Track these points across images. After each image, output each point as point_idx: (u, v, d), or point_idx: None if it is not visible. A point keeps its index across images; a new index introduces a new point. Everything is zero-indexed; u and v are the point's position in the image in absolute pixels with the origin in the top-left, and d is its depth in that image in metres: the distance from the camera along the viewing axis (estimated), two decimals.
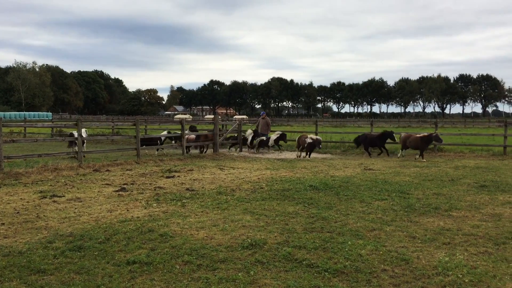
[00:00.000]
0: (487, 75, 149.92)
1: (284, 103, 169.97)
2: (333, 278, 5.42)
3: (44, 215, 8.67)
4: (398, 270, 5.64)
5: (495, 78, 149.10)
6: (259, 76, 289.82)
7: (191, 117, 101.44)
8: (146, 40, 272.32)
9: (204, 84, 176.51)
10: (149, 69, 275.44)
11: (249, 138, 23.82)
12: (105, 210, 9.14)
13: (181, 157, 19.56)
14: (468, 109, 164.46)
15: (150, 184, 12.41)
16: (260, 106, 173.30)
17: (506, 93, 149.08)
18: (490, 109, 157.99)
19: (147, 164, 17.11)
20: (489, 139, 28.61)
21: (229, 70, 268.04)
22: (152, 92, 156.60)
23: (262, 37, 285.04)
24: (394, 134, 21.16)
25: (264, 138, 23.22)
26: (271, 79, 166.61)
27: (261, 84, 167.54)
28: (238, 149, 24.41)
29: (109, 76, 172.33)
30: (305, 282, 5.26)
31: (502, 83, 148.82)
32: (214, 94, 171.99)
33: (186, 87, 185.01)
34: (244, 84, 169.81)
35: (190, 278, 5.45)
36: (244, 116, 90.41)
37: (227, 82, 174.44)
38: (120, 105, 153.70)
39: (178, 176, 13.86)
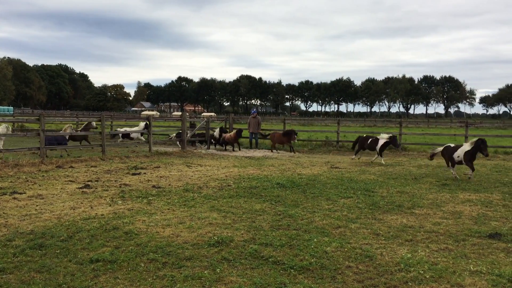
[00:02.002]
0: (449, 76, 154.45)
1: (253, 101, 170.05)
2: (298, 275, 5.46)
3: (3, 213, 8.39)
4: (362, 267, 5.73)
5: (457, 80, 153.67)
6: (228, 73, 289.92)
7: (158, 113, 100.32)
8: (113, 35, 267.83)
9: (172, 81, 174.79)
10: (116, 64, 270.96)
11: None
12: (68, 207, 8.93)
13: (148, 154, 19.31)
14: (431, 110, 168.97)
15: (115, 181, 12.20)
16: (228, 103, 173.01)
17: (467, 94, 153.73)
18: (452, 110, 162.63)
19: (113, 160, 16.81)
20: (451, 139, 29.42)
21: (198, 67, 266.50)
22: (118, 88, 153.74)
23: (231, 35, 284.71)
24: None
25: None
26: (240, 76, 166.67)
27: (230, 82, 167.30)
28: (206, 146, 24.28)
29: (74, 71, 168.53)
30: (271, 279, 5.28)
31: (464, 85, 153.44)
32: (182, 91, 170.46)
33: (154, 83, 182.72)
34: (213, 81, 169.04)
35: (155, 276, 5.39)
36: (213, 114, 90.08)
37: (196, 79, 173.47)
38: (85, 100, 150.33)
39: (145, 173, 13.68)
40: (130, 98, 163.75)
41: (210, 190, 10.96)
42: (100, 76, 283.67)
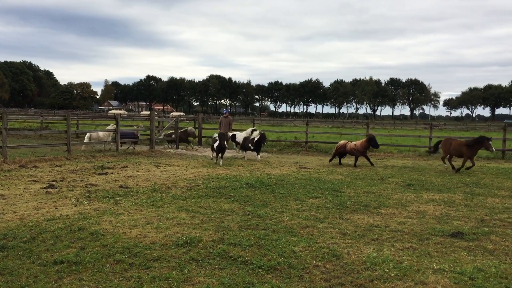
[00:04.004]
0: (415, 79, 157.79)
1: (222, 101, 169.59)
2: (266, 274, 5.48)
3: None
4: (329, 266, 5.80)
5: (422, 83, 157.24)
6: (197, 73, 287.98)
7: (126, 112, 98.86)
8: (79, 32, 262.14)
9: (141, 79, 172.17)
10: (82, 62, 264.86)
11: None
12: (32, 207, 8.70)
13: (115, 154, 19.01)
14: (397, 112, 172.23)
15: (81, 181, 11.95)
16: (198, 103, 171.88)
17: (432, 97, 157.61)
18: (417, 112, 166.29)
19: (78, 160, 16.47)
20: (416, 140, 30.18)
21: (167, 66, 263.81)
22: (85, 86, 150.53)
23: (201, 34, 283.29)
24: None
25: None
26: (210, 76, 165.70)
27: (199, 81, 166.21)
28: (175, 146, 24.07)
29: (39, 68, 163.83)
30: (239, 279, 5.29)
31: (429, 88, 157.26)
32: (151, 90, 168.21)
33: (122, 82, 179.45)
34: (182, 80, 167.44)
35: (122, 277, 5.31)
36: (182, 113, 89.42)
37: (165, 78, 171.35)
38: (50, 98, 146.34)
39: (112, 173, 13.46)
40: (97, 97, 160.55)
41: (179, 190, 10.88)
42: (66, 73, 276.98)
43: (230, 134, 21.71)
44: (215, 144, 16.76)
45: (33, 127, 34.09)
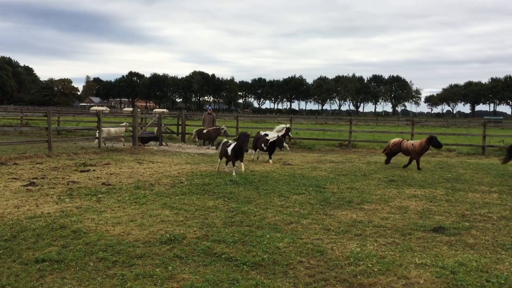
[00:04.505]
0: (397, 76, 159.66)
1: (206, 97, 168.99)
2: (251, 271, 5.49)
3: None
4: (313, 262, 5.83)
5: (404, 80, 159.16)
6: (180, 69, 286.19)
7: (108, 109, 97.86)
8: (60, 27, 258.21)
9: (123, 76, 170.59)
10: (63, 58, 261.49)
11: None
12: (12, 206, 8.56)
13: (97, 151, 18.80)
14: (379, 108, 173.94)
15: (62, 178, 11.80)
16: (181, 100, 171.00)
17: (413, 94, 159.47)
18: (399, 109, 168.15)
19: (60, 157, 16.25)
20: (398, 136, 30.43)
21: (150, 62, 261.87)
22: (66, 82, 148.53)
23: (184, 30, 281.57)
24: None
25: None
26: (193, 72, 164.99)
27: (183, 78, 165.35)
28: (158, 143, 23.92)
29: (18, 64, 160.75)
30: (223, 275, 5.28)
31: (410, 85, 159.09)
32: (133, 86, 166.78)
33: (104, 78, 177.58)
34: (165, 77, 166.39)
35: (105, 275, 5.26)
36: (165, 110, 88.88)
37: (147, 74, 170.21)
38: (30, 94, 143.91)
39: (94, 170, 13.31)
40: (79, 93, 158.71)
41: (162, 187, 10.82)
42: (47, 70, 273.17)
43: (273, 134, 17.87)
44: (230, 147, 13.05)
45: (13, 124, 33.52)
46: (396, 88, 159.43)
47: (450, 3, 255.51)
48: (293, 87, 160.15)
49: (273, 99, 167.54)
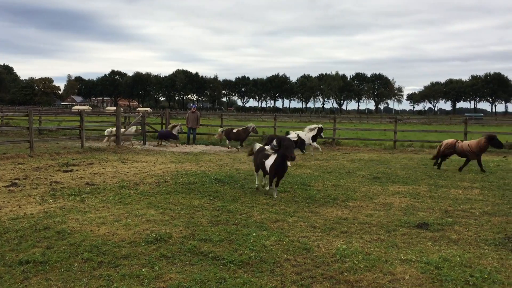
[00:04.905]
0: (380, 74, 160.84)
1: (189, 96, 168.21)
2: (238, 269, 5.49)
3: None
4: (300, 259, 5.86)
5: (386, 78, 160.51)
6: (163, 68, 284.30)
7: (90, 108, 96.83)
8: (40, 25, 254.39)
9: (105, 74, 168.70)
10: (44, 57, 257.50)
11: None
12: None
13: (80, 150, 18.58)
14: (362, 106, 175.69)
15: (45, 178, 11.64)
16: (164, 98, 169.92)
17: (396, 91, 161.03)
18: (382, 106, 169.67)
19: (42, 157, 16.02)
20: (381, 134, 30.77)
21: (132, 61, 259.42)
22: (47, 81, 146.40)
23: (167, 28, 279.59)
24: None
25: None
26: (176, 71, 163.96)
27: (166, 76, 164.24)
28: (142, 142, 23.74)
29: None
30: (210, 274, 5.27)
31: (393, 82, 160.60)
32: (116, 85, 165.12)
33: (85, 77, 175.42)
34: (148, 75, 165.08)
35: (91, 276, 5.21)
36: (148, 109, 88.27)
37: (130, 73, 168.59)
38: (10, 94, 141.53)
39: (77, 170, 13.16)
40: (60, 92, 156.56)
41: (147, 186, 10.75)
42: (27, 68, 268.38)
43: (292, 134, 16.61)
44: (270, 161, 9.74)
45: None
46: (379, 86, 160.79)
47: (431, 1, 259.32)
48: (276, 85, 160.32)
49: (257, 97, 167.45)
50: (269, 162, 9.73)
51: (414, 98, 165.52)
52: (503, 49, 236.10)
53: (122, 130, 22.30)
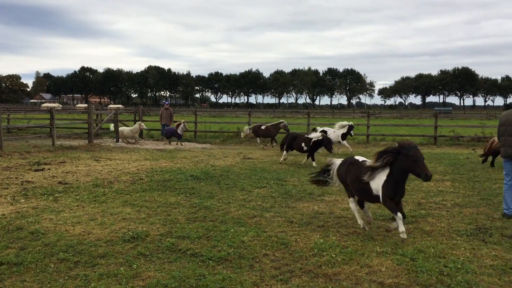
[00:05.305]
0: (351, 69, 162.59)
1: (162, 92, 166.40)
2: (217, 265, 5.49)
3: None
4: (278, 254, 5.90)
5: (358, 73, 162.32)
6: (135, 64, 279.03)
7: (60, 106, 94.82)
8: (5, 21, 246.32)
9: (75, 71, 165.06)
10: (11, 53, 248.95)
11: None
12: None
13: (51, 149, 18.21)
14: (335, 101, 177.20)
15: (16, 178, 11.36)
16: (136, 95, 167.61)
17: (367, 86, 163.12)
18: (354, 101, 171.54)
19: (12, 156, 15.62)
20: (355, 129, 31.08)
21: (103, 57, 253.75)
22: (14, 78, 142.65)
23: (138, 24, 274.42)
24: None
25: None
26: (148, 67, 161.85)
27: (138, 73, 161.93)
28: (115, 139, 23.41)
29: None
30: (189, 271, 5.26)
31: (364, 77, 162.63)
32: (86, 82, 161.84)
33: (55, 74, 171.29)
34: (119, 72, 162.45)
35: (67, 276, 5.12)
36: (120, 106, 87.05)
37: (101, 69, 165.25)
38: None
39: (49, 169, 12.89)
40: (28, 90, 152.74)
41: (122, 184, 10.62)
42: None
43: (317, 132, 16.07)
44: (379, 179, 6.57)
45: None
46: (351, 81, 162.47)
47: None
48: (250, 81, 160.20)
49: (230, 93, 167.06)
50: (378, 182, 6.56)
51: (385, 93, 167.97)
52: (471, 44, 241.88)
53: (129, 128, 22.57)
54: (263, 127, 21.19)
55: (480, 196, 9.60)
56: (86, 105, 33.23)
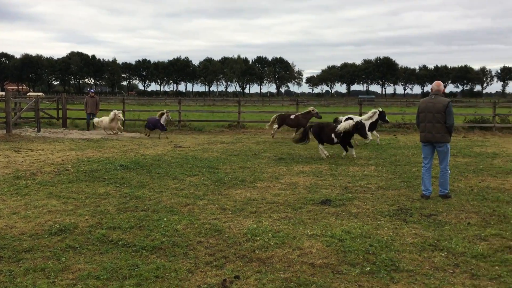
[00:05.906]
0: (280, 58, 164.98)
1: (86, 80, 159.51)
2: (151, 255, 5.43)
3: None
4: (212, 241, 5.94)
5: (287, 61, 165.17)
6: (56, 49, 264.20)
7: None
8: None
9: None
10: None
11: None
12: None
13: None
14: (264, 89, 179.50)
15: None
16: (58, 82, 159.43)
17: (296, 75, 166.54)
18: (283, 89, 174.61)
19: None
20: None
21: (20, 42, 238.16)
22: None
23: (59, 7, 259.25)
24: None
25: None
26: (71, 53, 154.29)
27: (59, 59, 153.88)
28: (36, 129, 22.20)
29: None
30: (122, 262, 5.16)
31: (293, 66, 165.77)
32: (2, 68, 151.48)
33: None
34: (39, 57, 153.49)
35: None
36: (40, 93, 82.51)
37: (18, 55, 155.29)
38: None
39: None
40: None
41: (46, 175, 10.14)
42: None
43: (341, 119, 15.11)
44: None
45: None
46: (280, 70, 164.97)
47: None
48: (179, 68, 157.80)
49: (158, 81, 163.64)
50: None
51: (312, 81, 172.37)
52: (392, 34, 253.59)
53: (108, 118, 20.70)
54: (292, 117, 19.51)
55: (401, 179, 10.18)
56: (3, 93, 31.17)
